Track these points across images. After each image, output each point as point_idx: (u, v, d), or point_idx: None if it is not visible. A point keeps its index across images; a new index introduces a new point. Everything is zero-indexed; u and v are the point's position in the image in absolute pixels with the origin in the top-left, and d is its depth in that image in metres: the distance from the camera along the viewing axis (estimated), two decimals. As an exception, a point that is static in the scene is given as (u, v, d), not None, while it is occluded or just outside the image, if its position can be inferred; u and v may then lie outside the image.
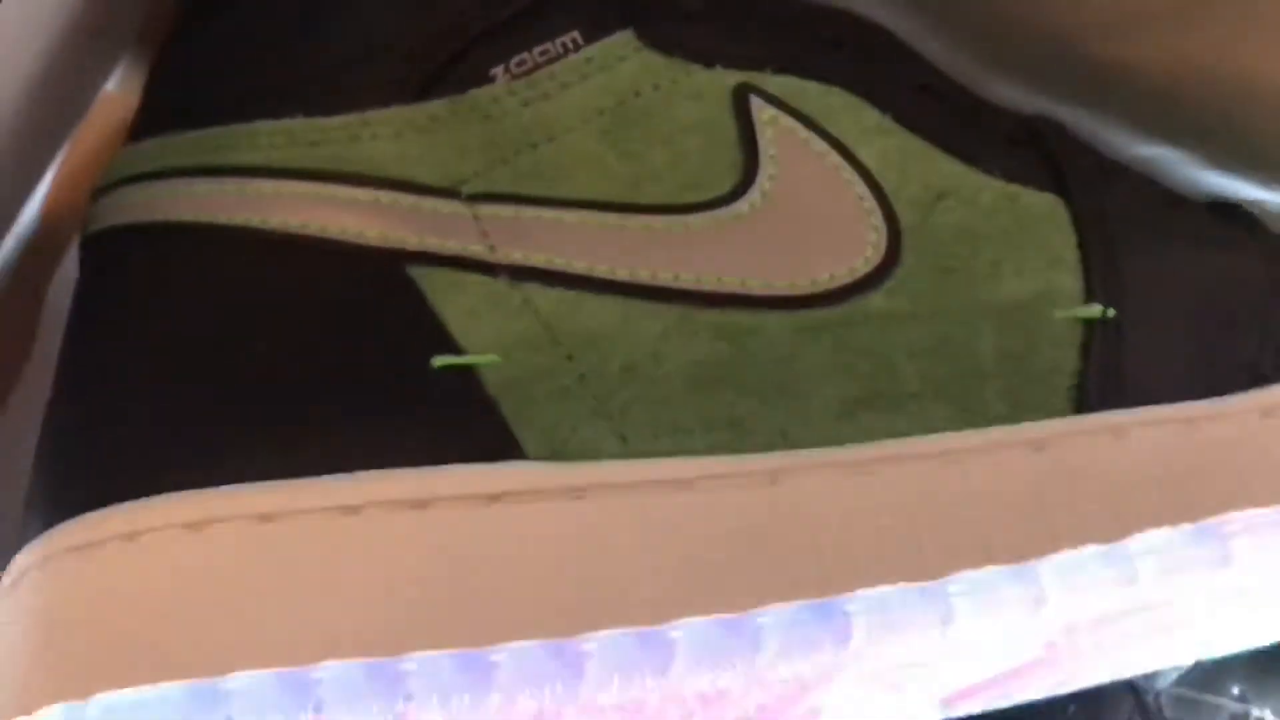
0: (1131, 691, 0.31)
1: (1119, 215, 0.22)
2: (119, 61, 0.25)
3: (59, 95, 0.23)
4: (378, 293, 0.19)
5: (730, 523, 0.17)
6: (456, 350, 0.19)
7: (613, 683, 0.16)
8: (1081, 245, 0.22)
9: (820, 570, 0.17)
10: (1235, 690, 0.32)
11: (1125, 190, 0.23)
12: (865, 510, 0.18)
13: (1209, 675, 0.32)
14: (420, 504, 0.17)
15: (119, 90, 0.25)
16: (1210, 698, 0.31)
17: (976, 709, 0.21)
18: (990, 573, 0.17)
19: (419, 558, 0.17)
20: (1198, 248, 0.22)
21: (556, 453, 0.18)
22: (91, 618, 0.17)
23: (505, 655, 0.16)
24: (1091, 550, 0.17)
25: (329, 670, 0.16)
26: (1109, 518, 0.17)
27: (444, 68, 0.21)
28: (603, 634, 0.16)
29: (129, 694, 0.16)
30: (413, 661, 0.16)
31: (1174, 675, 0.31)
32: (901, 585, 0.17)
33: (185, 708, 0.16)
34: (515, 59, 0.21)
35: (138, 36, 0.25)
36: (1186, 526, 0.17)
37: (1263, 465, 0.18)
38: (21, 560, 0.18)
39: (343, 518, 0.17)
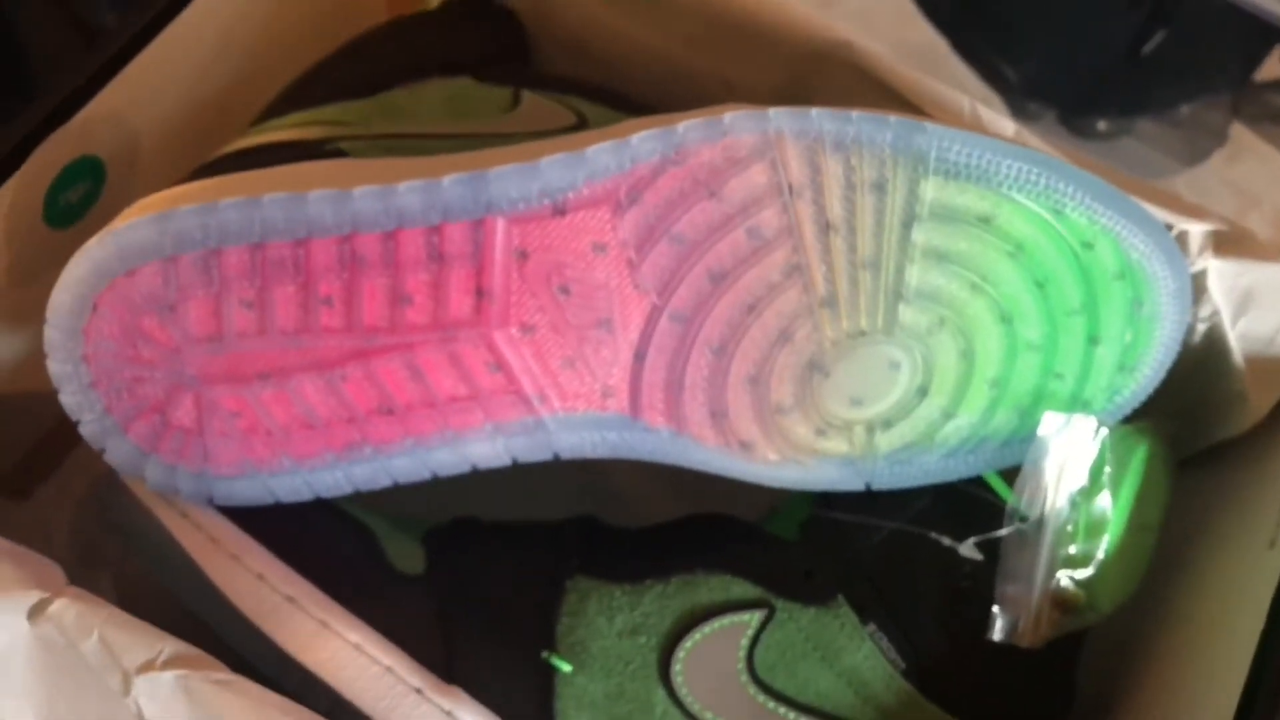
0: (845, 548, 0.42)
1: None
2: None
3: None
4: (322, 153, 0.41)
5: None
6: None
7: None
8: None
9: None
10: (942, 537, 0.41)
11: None
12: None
13: (921, 522, 0.42)
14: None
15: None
16: (918, 529, 0.41)
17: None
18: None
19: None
20: None
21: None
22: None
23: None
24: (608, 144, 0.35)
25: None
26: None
27: (376, 87, 0.44)
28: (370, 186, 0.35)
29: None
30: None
31: (888, 526, 0.41)
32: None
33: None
34: (409, 83, 0.44)
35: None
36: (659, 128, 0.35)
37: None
38: None
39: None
